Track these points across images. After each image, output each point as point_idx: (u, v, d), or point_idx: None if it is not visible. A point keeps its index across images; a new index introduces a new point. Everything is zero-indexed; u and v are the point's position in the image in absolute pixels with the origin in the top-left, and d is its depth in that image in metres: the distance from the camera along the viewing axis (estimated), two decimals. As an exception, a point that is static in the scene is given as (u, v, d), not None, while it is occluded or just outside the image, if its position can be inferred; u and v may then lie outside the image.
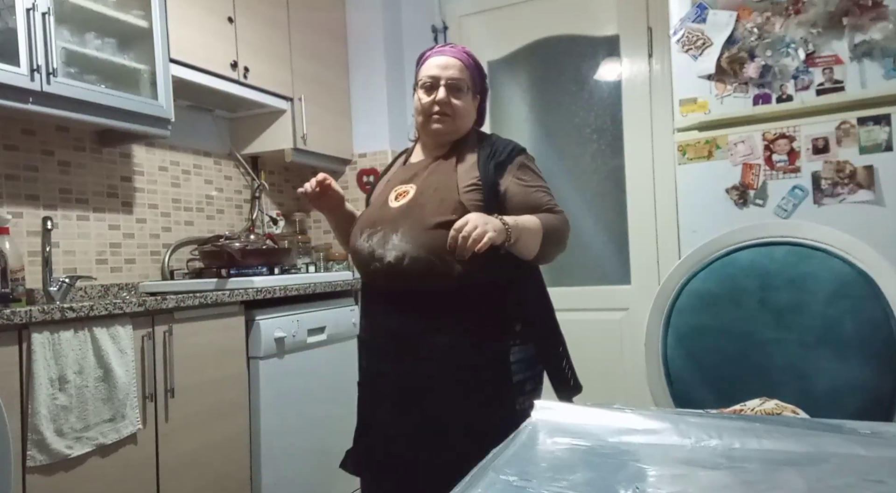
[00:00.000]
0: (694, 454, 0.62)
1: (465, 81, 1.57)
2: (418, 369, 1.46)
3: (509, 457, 0.62)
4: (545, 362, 1.54)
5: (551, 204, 1.52)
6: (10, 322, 1.53)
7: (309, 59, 3.11)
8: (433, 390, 1.45)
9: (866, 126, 2.00)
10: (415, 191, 1.52)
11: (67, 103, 1.98)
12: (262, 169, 3.25)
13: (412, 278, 1.44)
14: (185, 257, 2.76)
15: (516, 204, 1.48)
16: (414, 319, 1.47)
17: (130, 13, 2.24)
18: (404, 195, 1.52)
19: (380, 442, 1.54)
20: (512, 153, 1.54)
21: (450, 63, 1.56)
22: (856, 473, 0.57)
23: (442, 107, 1.54)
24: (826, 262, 1.34)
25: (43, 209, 2.26)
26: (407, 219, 1.47)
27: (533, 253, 1.45)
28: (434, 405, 1.45)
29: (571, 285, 3.16)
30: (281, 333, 2.30)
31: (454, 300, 1.45)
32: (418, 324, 1.47)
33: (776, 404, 1.07)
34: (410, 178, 1.57)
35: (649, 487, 0.54)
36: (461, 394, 1.44)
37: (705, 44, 2.18)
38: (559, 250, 1.53)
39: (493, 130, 3.33)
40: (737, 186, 2.15)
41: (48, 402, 1.60)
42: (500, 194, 1.48)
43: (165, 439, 1.91)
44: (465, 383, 1.44)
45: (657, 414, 0.73)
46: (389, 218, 1.50)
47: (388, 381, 1.52)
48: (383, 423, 1.53)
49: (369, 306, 1.61)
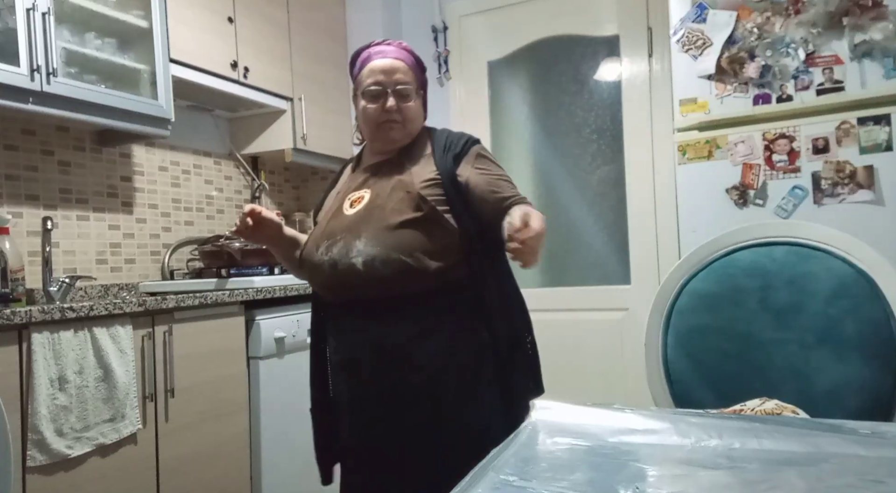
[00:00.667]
0: (694, 454, 0.62)
1: (411, 84, 1.49)
2: (409, 381, 1.39)
3: (509, 457, 0.62)
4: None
5: (518, 194, 1.44)
6: (10, 322, 1.53)
7: (309, 59, 3.11)
8: (428, 398, 1.38)
9: (866, 126, 2.00)
10: (370, 194, 1.45)
11: (67, 103, 1.98)
12: (262, 169, 3.25)
13: (387, 282, 1.37)
14: (185, 257, 2.76)
15: (480, 193, 1.42)
16: (400, 326, 1.40)
17: (130, 13, 2.24)
18: (359, 201, 1.46)
19: (364, 455, 1.48)
20: (467, 144, 1.49)
21: (395, 66, 1.48)
22: (856, 473, 0.57)
23: (393, 115, 1.47)
24: (826, 262, 1.34)
25: (43, 209, 2.26)
26: (368, 222, 1.40)
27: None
28: (428, 413, 1.39)
29: (571, 285, 3.16)
30: (281, 333, 2.30)
31: (439, 300, 1.40)
32: (406, 331, 1.39)
33: (776, 404, 1.07)
34: (362, 183, 1.51)
35: (649, 487, 0.54)
36: (464, 397, 1.39)
37: (705, 44, 2.18)
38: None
39: (494, 131, 3.36)
40: (737, 186, 2.15)
41: (48, 402, 1.60)
42: (461, 186, 1.42)
43: (165, 439, 1.91)
44: (466, 385, 1.40)
45: (657, 414, 0.73)
46: (347, 225, 1.42)
47: (373, 399, 1.43)
48: (368, 436, 1.46)
49: (338, 323, 1.50)
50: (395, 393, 1.40)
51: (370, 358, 1.42)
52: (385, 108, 1.47)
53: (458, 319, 1.42)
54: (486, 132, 3.36)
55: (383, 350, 1.40)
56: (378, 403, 1.43)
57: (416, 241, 1.37)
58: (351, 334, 1.47)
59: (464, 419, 1.39)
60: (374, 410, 1.43)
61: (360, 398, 1.45)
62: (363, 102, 1.51)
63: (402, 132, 1.50)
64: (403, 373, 1.39)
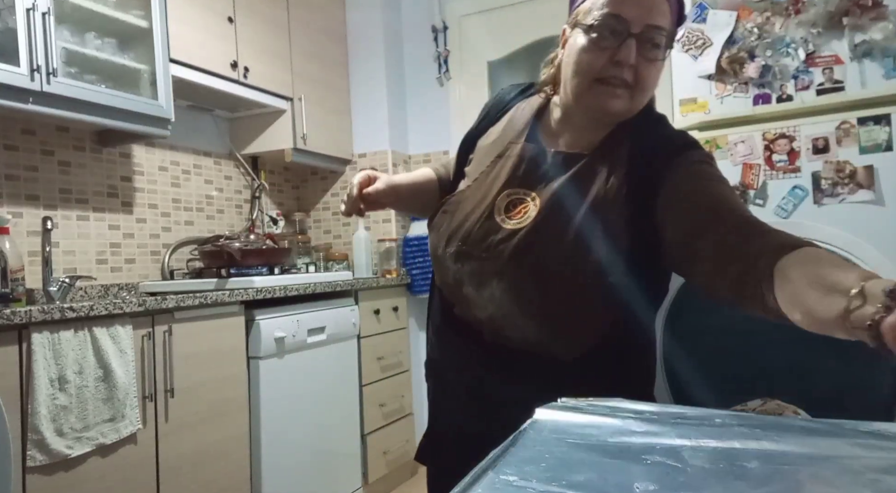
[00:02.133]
0: (694, 454, 0.62)
1: (665, 33, 0.98)
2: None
3: (509, 457, 0.62)
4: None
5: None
6: (10, 322, 1.53)
7: (309, 59, 3.11)
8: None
9: (866, 126, 2.00)
10: (538, 209, 1.00)
11: (67, 103, 1.98)
12: (262, 169, 3.25)
13: (510, 346, 1.03)
14: (185, 257, 2.76)
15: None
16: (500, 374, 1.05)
17: (130, 13, 2.24)
18: (521, 213, 1.01)
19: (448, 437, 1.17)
20: (681, 152, 0.99)
21: (653, 1, 0.97)
22: (856, 473, 0.57)
23: (625, 73, 0.97)
24: (826, 262, 1.34)
25: (43, 209, 2.26)
26: (520, 266, 0.98)
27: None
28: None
29: (571, 285, 3.16)
30: (281, 333, 2.29)
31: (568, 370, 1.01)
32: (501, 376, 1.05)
33: (777, 404, 1.07)
34: (533, 172, 1.04)
35: (649, 487, 0.54)
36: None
37: (705, 44, 2.18)
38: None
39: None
40: (737, 186, 2.15)
41: (48, 402, 1.60)
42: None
43: (165, 439, 1.91)
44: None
45: (657, 415, 0.73)
46: (492, 249, 1.00)
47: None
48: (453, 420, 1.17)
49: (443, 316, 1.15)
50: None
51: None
52: (617, 59, 0.96)
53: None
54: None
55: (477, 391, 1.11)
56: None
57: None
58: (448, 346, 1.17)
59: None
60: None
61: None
62: (581, 37, 1.00)
63: (628, 103, 1.01)
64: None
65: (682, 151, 1.00)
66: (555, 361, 1.00)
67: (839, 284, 0.67)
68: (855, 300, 0.64)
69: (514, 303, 0.99)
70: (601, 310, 0.98)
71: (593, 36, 0.98)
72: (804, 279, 0.72)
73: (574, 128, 1.06)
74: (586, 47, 0.98)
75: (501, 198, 1.04)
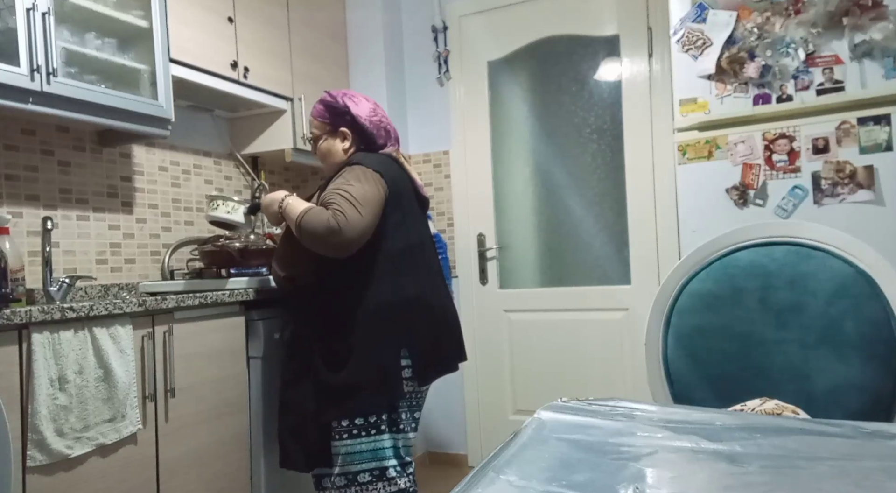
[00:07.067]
0: (694, 454, 0.62)
1: (316, 131, 2.10)
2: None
3: (509, 457, 0.62)
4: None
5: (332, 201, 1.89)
6: (10, 322, 1.53)
7: (309, 59, 3.11)
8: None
9: (866, 126, 2.00)
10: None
11: (67, 103, 1.98)
12: (262, 169, 3.25)
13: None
14: (185, 257, 2.76)
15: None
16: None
17: (130, 13, 2.24)
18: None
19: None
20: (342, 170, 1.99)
21: (309, 121, 2.14)
22: (855, 473, 0.57)
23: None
24: (826, 262, 1.34)
25: (43, 209, 2.26)
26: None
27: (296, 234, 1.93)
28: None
29: (572, 285, 3.16)
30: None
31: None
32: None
33: (776, 404, 1.07)
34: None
35: (649, 487, 0.54)
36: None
37: (705, 44, 2.18)
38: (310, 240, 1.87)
39: (494, 131, 3.36)
40: (737, 186, 2.15)
41: (48, 402, 1.60)
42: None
43: (165, 439, 1.91)
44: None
45: (657, 414, 0.73)
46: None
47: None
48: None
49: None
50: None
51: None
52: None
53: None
54: (486, 132, 3.37)
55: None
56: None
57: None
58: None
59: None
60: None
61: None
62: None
63: (322, 166, 2.20)
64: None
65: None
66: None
67: None
68: None
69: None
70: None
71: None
72: None
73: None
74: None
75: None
